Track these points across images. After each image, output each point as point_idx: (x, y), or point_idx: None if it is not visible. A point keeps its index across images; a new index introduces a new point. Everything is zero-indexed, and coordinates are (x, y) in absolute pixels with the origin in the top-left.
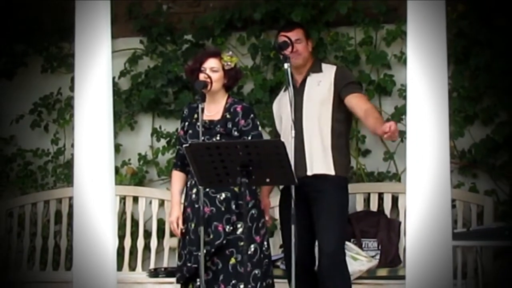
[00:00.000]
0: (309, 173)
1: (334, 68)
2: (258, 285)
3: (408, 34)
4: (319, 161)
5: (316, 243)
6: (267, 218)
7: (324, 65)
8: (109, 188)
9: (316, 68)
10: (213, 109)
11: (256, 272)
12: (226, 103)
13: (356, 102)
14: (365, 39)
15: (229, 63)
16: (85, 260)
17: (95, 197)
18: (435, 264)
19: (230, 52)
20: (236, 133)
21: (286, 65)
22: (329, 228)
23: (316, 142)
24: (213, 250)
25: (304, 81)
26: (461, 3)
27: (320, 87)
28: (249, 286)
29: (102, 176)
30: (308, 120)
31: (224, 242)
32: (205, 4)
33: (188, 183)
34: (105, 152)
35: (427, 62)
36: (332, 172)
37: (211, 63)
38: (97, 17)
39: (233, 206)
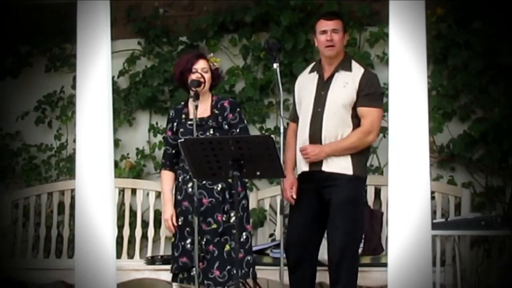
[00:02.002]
0: (324, 168)
1: (361, 71)
2: (251, 270)
3: (390, 36)
4: (336, 161)
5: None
6: (291, 195)
7: (354, 64)
8: (108, 181)
9: (346, 65)
10: (201, 107)
11: (249, 258)
12: (212, 100)
13: (360, 116)
14: (349, 40)
15: (214, 64)
16: (86, 249)
17: (95, 189)
18: (415, 252)
19: (212, 54)
20: (226, 126)
21: (275, 65)
22: (340, 225)
23: (335, 142)
24: (217, 238)
25: (332, 76)
26: (440, 7)
27: (346, 89)
28: (243, 271)
29: (102, 170)
30: (329, 119)
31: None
32: (199, 7)
33: (180, 178)
34: (105, 147)
35: (408, 62)
36: (350, 172)
37: (201, 64)
38: (97, 20)
39: (227, 196)
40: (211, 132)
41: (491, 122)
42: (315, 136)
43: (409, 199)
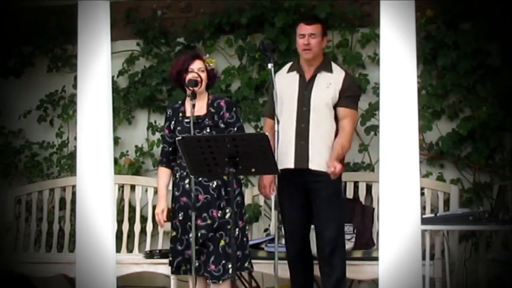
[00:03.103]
0: (311, 167)
1: (343, 74)
2: (239, 264)
3: (381, 37)
4: (322, 159)
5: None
6: (271, 191)
7: (334, 66)
8: (108, 177)
9: (326, 67)
10: (197, 106)
11: (239, 253)
12: (208, 99)
13: (341, 116)
14: (341, 41)
15: (210, 64)
16: (87, 243)
17: (96, 185)
18: (405, 246)
19: (207, 55)
20: (222, 124)
21: (270, 65)
22: (330, 218)
23: (321, 140)
24: (211, 234)
25: (313, 78)
26: (429, 9)
27: (329, 90)
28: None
29: (102, 166)
30: (315, 117)
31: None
32: (196, 9)
33: (178, 175)
34: (105, 144)
35: (398, 62)
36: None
37: (198, 64)
38: (97, 22)
39: (223, 193)
40: (208, 130)
41: (479, 120)
42: (303, 134)
43: (400, 195)
